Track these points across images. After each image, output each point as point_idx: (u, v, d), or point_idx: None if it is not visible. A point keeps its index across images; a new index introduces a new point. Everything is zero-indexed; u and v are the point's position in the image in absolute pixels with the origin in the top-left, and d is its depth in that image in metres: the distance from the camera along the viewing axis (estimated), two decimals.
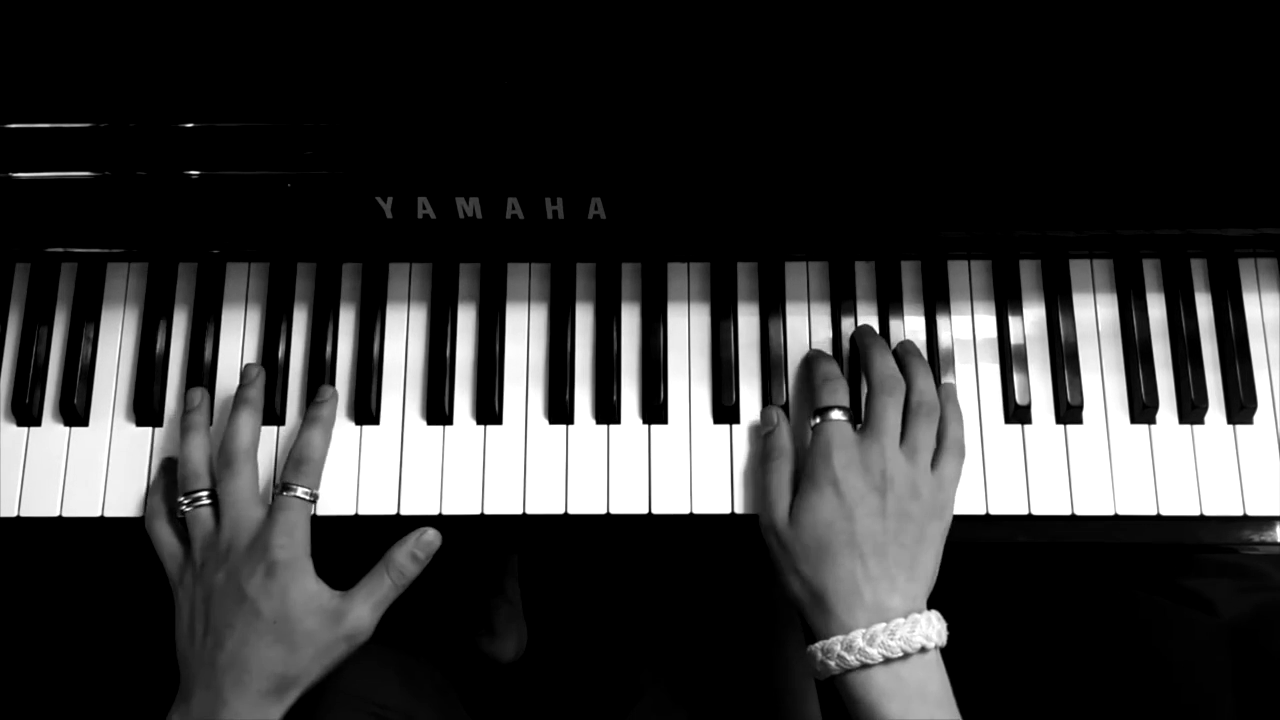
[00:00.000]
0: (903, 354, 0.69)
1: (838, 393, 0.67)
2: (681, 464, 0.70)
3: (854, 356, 0.72)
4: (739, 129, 0.62)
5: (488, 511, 0.70)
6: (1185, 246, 0.74)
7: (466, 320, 0.73)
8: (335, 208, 0.65)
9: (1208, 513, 0.69)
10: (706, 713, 0.76)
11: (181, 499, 0.66)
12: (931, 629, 0.60)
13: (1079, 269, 0.74)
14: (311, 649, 0.62)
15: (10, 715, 1.07)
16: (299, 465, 0.67)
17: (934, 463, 0.66)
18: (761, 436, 0.69)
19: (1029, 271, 0.74)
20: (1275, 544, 0.69)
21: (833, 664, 0.60)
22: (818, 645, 0.61)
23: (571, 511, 0.70)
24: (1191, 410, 0.71)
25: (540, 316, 0.73)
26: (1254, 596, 0.83)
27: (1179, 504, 0.69)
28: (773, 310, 0.73)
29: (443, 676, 0.84)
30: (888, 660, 0.59)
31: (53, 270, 0.74)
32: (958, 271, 0.74)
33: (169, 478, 0.69)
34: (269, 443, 0.71)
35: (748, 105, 0.61)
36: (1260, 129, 0.61)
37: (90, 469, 0.71)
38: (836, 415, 0.66)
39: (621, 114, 0.62)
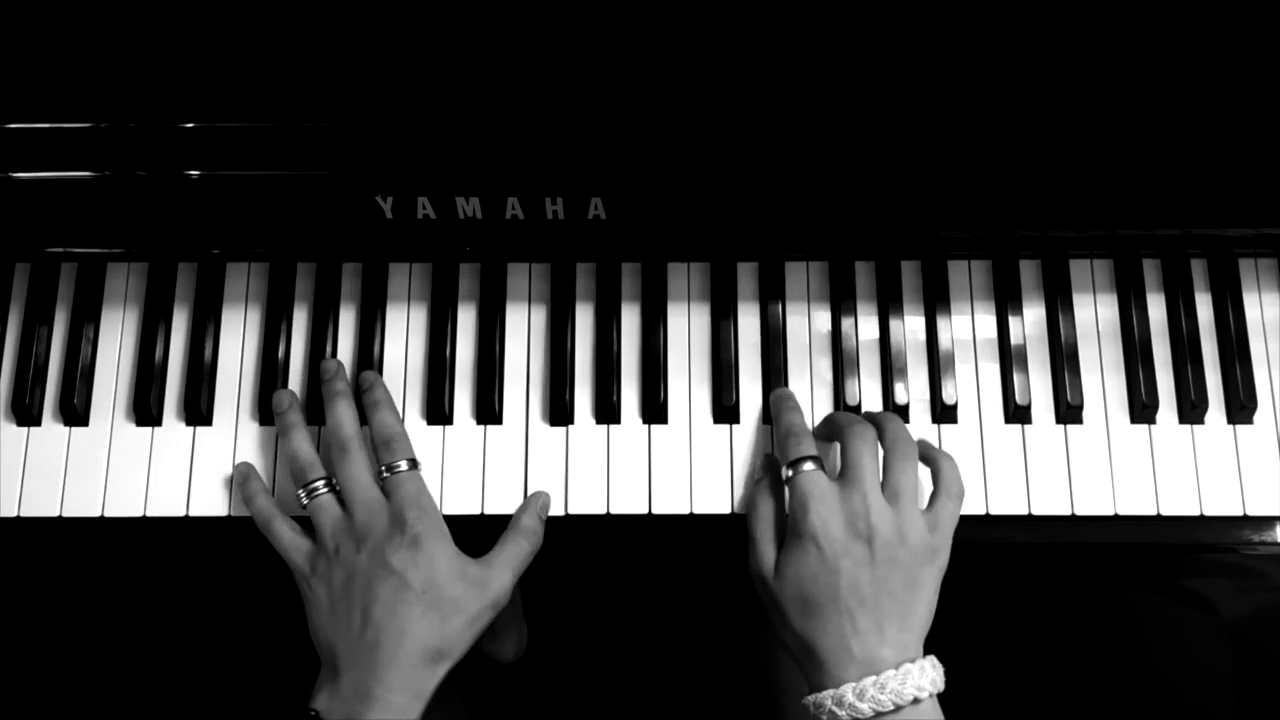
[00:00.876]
0: (866, 414, 0.69)
1: (803, 444, 0.66)
2: (681, 464, 0.70)
3: (843, 358, 0.72)
4: (739, 129, 0.62)
5: (488, 511, 0.70)
6: (1185, 246, 0.74)
7: (466, 320, 0.73)
8: (335, 208, 0.65)
9: (1208, 513, 0.69)
10: (706, 712, 0.76)
11: (300, 492, 0.67)
12: (924, 678, 0.59)
13: (1079, 269, 0.74)
14: (461, 617, 0.63)
15: (10, 715, 1.07)
16: (389, 444, 0.67)
17: (930, 504, 0.65)
18: (753, 483, 0.69)
19: (1029, 271, 0.74)
20: (1275, 544, 0.69)
21: (824, 718, 0.59)
22: (810, 699, 0.61)
23: (571, 512, 0.70)
24: (1191, 410, 0.71)
25: (540, 316, 0.73)
26: (1254, 596, 0.83)
27: (1179, 504, 0.69)
28: (773, 310, 0.73)
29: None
30: (879, 715, 0.58)
31: (53, 270, 0.74)
32: (958, 271, 0.74)
33: (260, 480, 0.69)
34: (269, 442, 0.71)
35: (747, 105, 0.61)
36: (1260, 129, 0.61)
37: (90, 469, 0.71)
38: (808, 466, 0.64)
39: (621, 114, 0.62)
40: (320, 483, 0.67)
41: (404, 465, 0.66)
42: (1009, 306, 0.73)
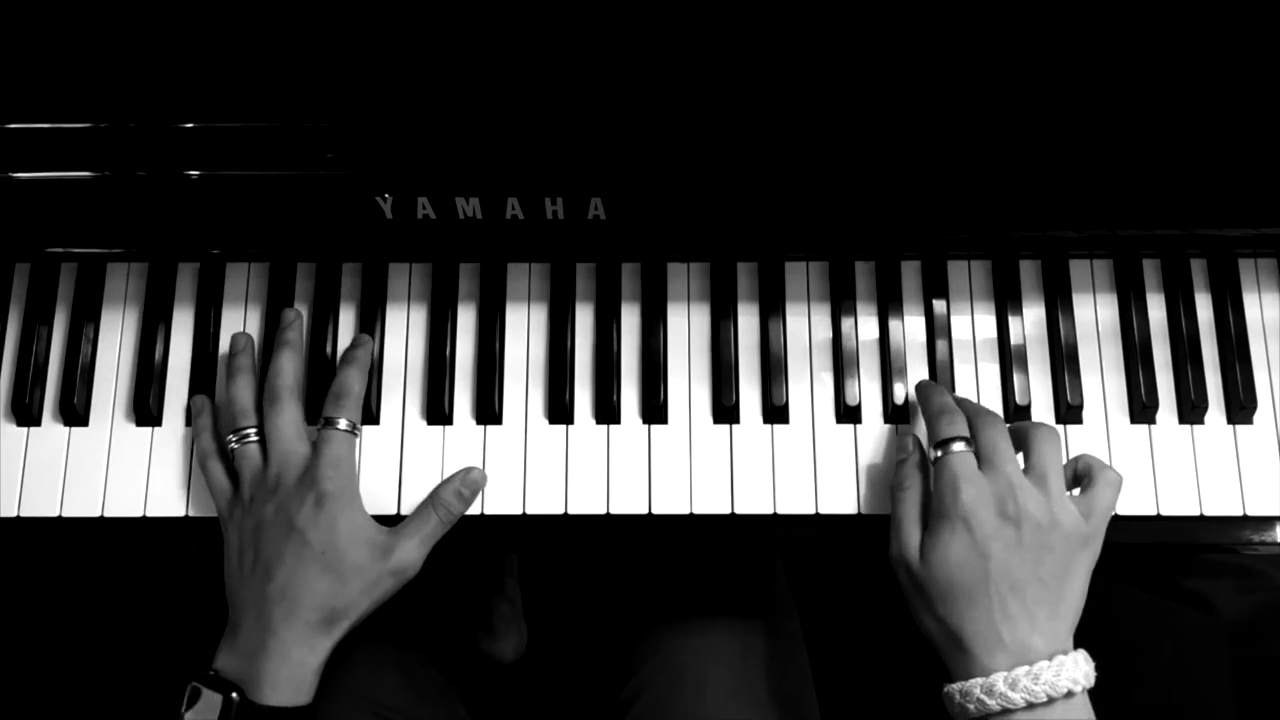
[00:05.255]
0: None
1: (956, 424, 0.64)
2: (681, 464, 0.70)
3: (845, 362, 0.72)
4: (739, 129, 0.62)
5: (488, 511, 0.70)
6: (1185, 246, 0.74)
7: (466, 320, 0.73)
8: (335, 208, 0.65)
9: (1208, 513, 0.69)
10: (705, 711, 0.76)
11: (230, 436, 0.67)
12: (1078, 671, 0.57)
13: (1079, 269, 0.74)
14: (360, 581, 0.63)
15: (10, 715, 1.06)
16: (338, 399, 0.67)
17: (1086, 490, 0.63)
18: (896, 463, 0.67)
19: (1029, 271, 0.74)
20: (1275, 544, 0.69)
21: (971, 707, 0.57)
22: (955, 687, 0.59)
23: (571, 511, 0.70)
24: (1191, 410, 0.71)
25: (540, 316, 0.73)
26: (1254, 596, 0.83)
27: (1179, 504, 0.69)
28: (773, 310, 0.73)
29: (443, 676, 0.84)
30: (1031, 706, 0.56)
31: (53, 270, 0.74)
32: (958, 271, 0.74)
33: (211, 418, 0.70)
34: None
35: (747, 106, 0.61)
36: (1260, 129, 0.61)
37: (90, 469, 0.71)
38: (959, 447, 0.63)
39: (621, 114, 0.62)
40: (251, 430, 0.67)
41: (342, 424, 0.66)
42: (1009, 306, 0.73)
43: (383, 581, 0.64)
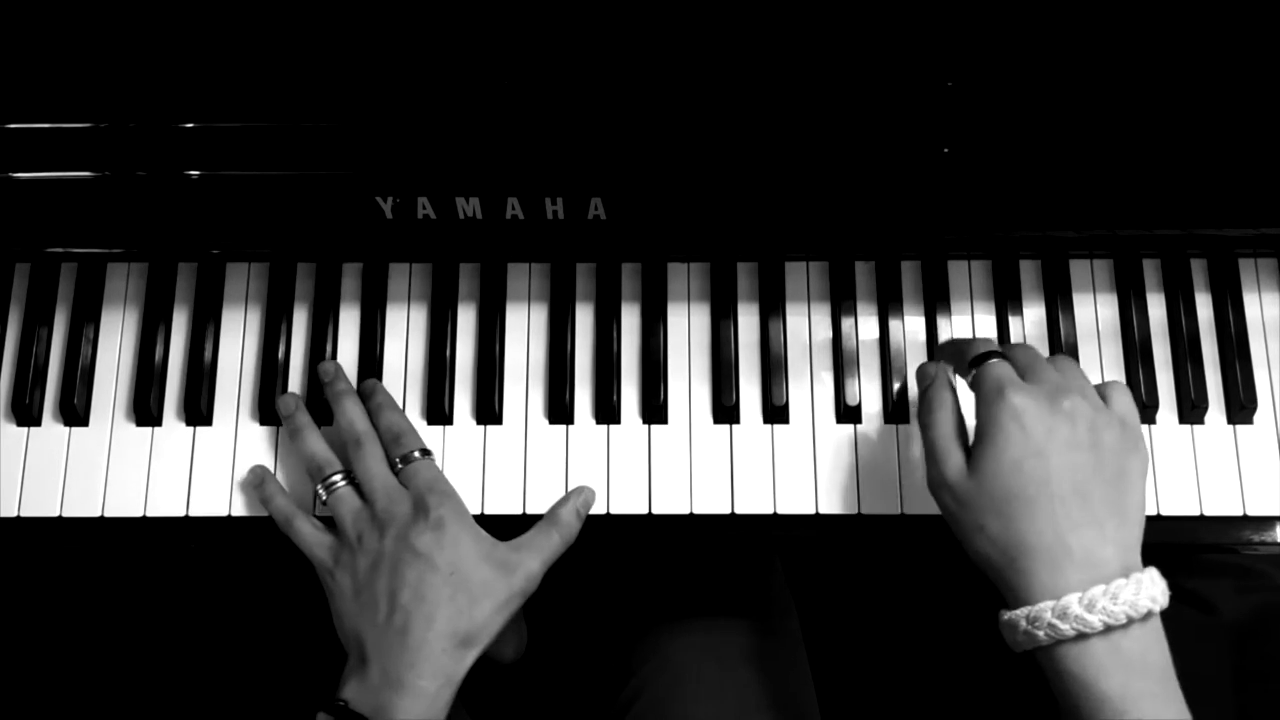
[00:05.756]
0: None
1: (988, 344, 0.60)
2: (681, 464, 0.70)
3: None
4: (739, 129, 0.62)
5: (488, 511, 0.70)
6: (1185, 246, 0.74)
7: (466, 320, 0.73)
8: (335, 208, 0.65)
9: (1208, 513, 0.69)
10: (705, 711, 0.76)
11: (318, 487, 0.67)
12: (1156, 588, 0.53)
13: (1079, 269, 0.74)
14: (490, 601, 0.61)
15: (10, 715, 1.07)
16: (399, 438, 0.67)
17: (1107, 404, 0.58)
18: (919, 392, 0.63)
19: (1029, 271, 0.74)
20: (1275, 544, 0.69)
21: (1041, 634, 0.52)
22: (1021, 613, 0.53)
23: None
24: (1191, 410, 0.71)
25: (540, 316, 0.73)
26: (1254, 596, 0.83)
27: (1179, 504, 0.69)
28: (773, 310, 0.73)
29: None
30: (1108, 629, 0.51)
31: (53, 270, 0.74)
32: (958, 271, 0.74)
33: (276, 481, 0.69)
34: (269, 442, 0.71)
35: (747, 106, 0.61)
36: (1260, 129, 0.61)
37: (90, 469, 0.71)
38: (995, 360, 0.59)
39: (621, 114, 0.62)
40: (338, 476, 0.67)
41: (417, 454, 0.66)
42: (1009, 306, 0.73)
43: (511, 601, 0.63)
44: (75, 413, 0.71)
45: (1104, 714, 0.52)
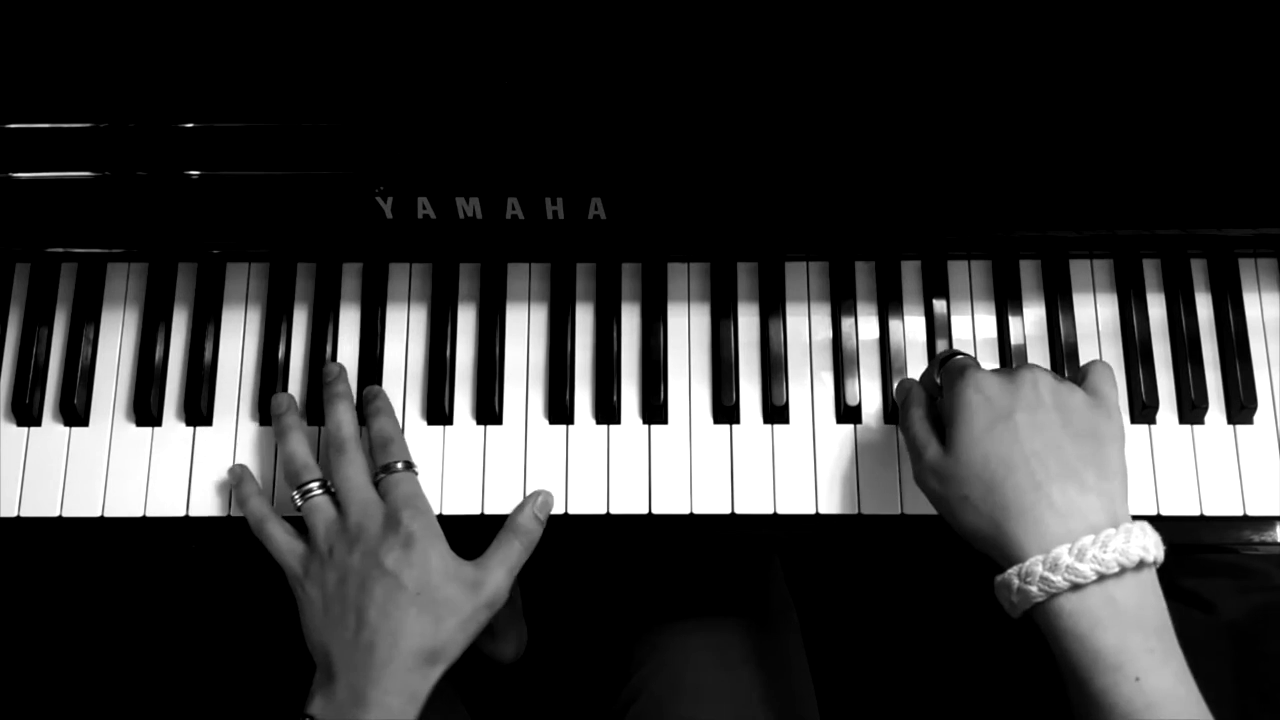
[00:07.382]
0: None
1: (950, 348, 0.66)
2: (681, 464, 0.70)
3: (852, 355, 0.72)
4: (739, 129, 0.62)
5: (488, 511, 0.70)
6: (1185, 246, 0.74)
7: (466, 320, 0.73)
8: (335, 208, 0.65)
9: (1208, 513, 0.69)
10: (704, 711, 0.76)
11: (294, 493, 0.66)
12: (1147, 538, 0.53)
13: (1079, 269, 0.74)
14: (455, 619, 0.62)
15: (10, 715, 1.07)
16: (385, 446, 0.67)
17: (1082, 382, 0.61)
18: (896, 396, 0.67)
19: (1029, 271, 0.74)
20: (1275, 544, 0.69)
21: (1034, 589, 0.52)
22: (1013, 571, 0.54)
23: (571, 512, 0.70)
24: (1191, 410, 0.71)
25: (540, 316, 0.73)
26: (1254, 596, 0.83)
27: (1179, 504, 0.69)
28: (773, 310, 0.73)
29: (443, 677, 0.84)
30: (1102, 578, 0.51)
31: (53, 270, 0.74)
32: (958, 271, 0.74)
33: (255, 482, 0.69)
34: (269, 442, 0.71)
35: (748, 106, 0.61)
36: (1260, 129, 0.61)
37: (90, 469, 0.71)
38: (960, 357, 0.63)
39: (621, 114, 0.62)
40: (315, 484, 0.66)
41: (400, 466, 0.66)
42: (1009, 306, 0.73)
43: (477, 616, 0.63)
44: (75, 413, 0.71)
45: (1101, 669, 0.52)
